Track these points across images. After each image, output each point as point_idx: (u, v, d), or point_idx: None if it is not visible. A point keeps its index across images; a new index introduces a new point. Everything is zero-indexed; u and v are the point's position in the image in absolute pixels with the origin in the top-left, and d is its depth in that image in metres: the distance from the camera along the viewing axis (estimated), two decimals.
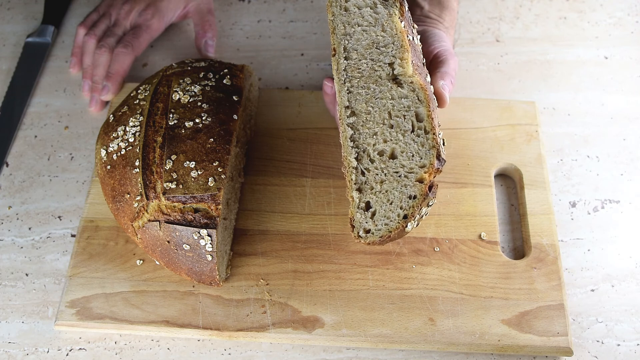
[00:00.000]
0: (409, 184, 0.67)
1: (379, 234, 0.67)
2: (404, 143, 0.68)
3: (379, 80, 0.69)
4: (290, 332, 0.72)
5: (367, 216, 0.67)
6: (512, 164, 0.84)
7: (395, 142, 0.68)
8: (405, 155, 0.68)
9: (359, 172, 0.68)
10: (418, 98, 0.68)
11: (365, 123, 0.69)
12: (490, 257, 0.78)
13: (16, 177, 0.85)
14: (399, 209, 0.67)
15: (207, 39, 0.94)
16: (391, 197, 0.67)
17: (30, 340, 0.74)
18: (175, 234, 0.70)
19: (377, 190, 0.68)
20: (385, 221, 0.67)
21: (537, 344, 0.72)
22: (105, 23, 0.93)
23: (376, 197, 0.68)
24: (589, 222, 0.83)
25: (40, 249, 0.80)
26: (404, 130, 0.68)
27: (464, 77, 0.95)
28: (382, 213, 0.67)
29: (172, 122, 0.74)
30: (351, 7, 0.70)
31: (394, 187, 0.67)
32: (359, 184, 0.68)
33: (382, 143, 0.68)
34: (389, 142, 0.68)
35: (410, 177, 0.67)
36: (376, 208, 0.68)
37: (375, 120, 0.69)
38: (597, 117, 0.92)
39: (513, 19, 1.01)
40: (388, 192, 0.68)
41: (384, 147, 0.68)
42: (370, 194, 0.68)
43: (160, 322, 0.73)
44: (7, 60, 0.96)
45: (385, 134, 0.68)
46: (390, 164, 0.68)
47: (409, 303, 0.74)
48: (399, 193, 0.67)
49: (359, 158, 0.68)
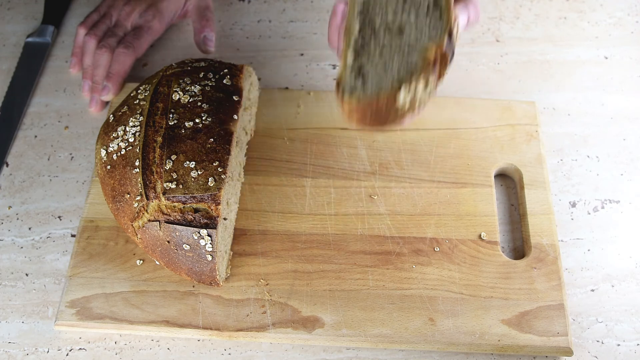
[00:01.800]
0: (413, 54, 0.59)
1: (366, 95, 0.58)
2: (415, 22, 0.61)
3: None
4: (290, 332, 0.72)
5: (358, 79, 0.59)
6: (512, 164, 0.84)
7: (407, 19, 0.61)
8: (414, 33, 0.60)
9: (359, 39, 0.61)
10: None
11: None
12: (490, 257, 0.78)
13: (16, 177, 0.85)
14: (396, 74, 0.59)
15: (206, 33, 0.94)
16: (389, 64, 0.59)
17: (30, 340, 0.74)
18: (175, 234, 0.70)
19: (374, 57, 0.60)
20: (376, 84, 0.58)
21: (537, 344, 0.72)
22: (105, 23, 0.93)
23: (371, 63, 0.59)
24: (589, 222, 0.83)
25: (40, 249, 0.80)
26: (418, 10, 0.61)
27: (464, 77, 0.95)
28: (374, 77, 0.59)
29: (172, 122, 0.74)
30: None
31: (394, 57, 0.60)
32: (356, 49, 0.61)
33: (391, 18, 0.61)
34: (399, 17, 0.61)
35: (414, 47, 0.59)
36: (370, 70, 0.59)
37: None
38: (597, 117, 0.92)
39: (513, 19, 1.01)
40: (386, 60, 0.59)
41: (393, 21, 0.61)
42: (366, 59, 0.60)
43: (160, 322, 0.73)
44: (7, 60, 0.96)
45: (398, 10, 0.61)
46: (396, 39, 0.60)
47: (409, 303, 0.74)
48: (400, 61, 0.59)
49: (362, 28, 0.61)
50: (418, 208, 0.81)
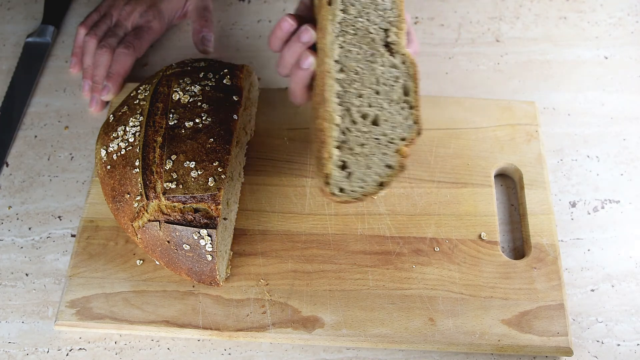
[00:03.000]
0: (388, 153, 0.67)
1: (353, 195, 0.67)
2: (389, 112, 0.68)
3: (372, 43, 0.68)
4: (290, 332, 0.72)
5: (344, 175, 0.67)
6: (512, 164, 0.84)
7: (380, 109, 0.68)
8: (389, 125, 0.67)
9: (340, 131, 0.67)
10: (408, 72, 0.68)
11: (352, 82, 0.68)
12: (490, 257, 0.78)
13: (16, 177, 0.85)
14: (376, 176, 0.67)
15: (204, 33, 0.94)
16: (370, 163, 0.67)
17: (30, 340, 0.74)
18: (175, 234, 0.70)
19: (356, 153, 0.67)
20: (361, 184, 0.67)
21: (537, 344, 0.72)
22: (106, 23, 0.93)
23: (354, 159, 0.67)
24: (589, 222, 0.83)
25: (40, 249, 0.80)
26: (390, 99, 0.68)
27: (464, 77, 0.95)
28: (359, 176, 0.67)
29: (172, 122, 0.74)
30: None
31: (374, 153, 0.67)
32: (339, 142, 0.67)
33: (366, 106, 0.67)
34: (373, 107, 0.68)
35: (390, 147, 0.67)
36: (354, 170, 0.67)
37: (362, 82, 0.68)
38: (597, 117, 0.92)
39: (513, 19, 1.01)
40: (367, 156, 0.67)
41: (368, 111, 0.67)
42: (348, 155, 0.67)
43: (160, 322, 0.73)
44: (7, 60, 0.96)
45: (371, 99, 0.68)
46: (372, 129, 0.67)
47: (409, 303, 0.74)
48: (378, 160, 0.67)
49: (342, 116, 0.67)
50: (418, 208, 0.81)
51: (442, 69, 0.96)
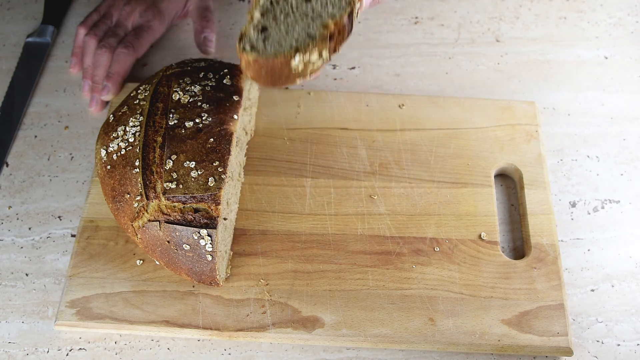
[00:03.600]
0: (313, 25, 0.64)
1: (264, 53, 0.63)
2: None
3: None
4: (290, 332, 0.72)
5: (260, 37, 0.64)
6: (512, 164, 0.84)
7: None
8: (319, 2, 0.65)
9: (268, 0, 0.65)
10: None
11: None
12: (490, 257, 0.78)
13: (16, 177, 0.85)
14: (293, 40, 0.64)
15: (206, 34, 0.94)
16: (290, 30, 0.64)
17: (30, 340, 0.74)
18: (175, 234, 0.70)
19: (278, 20, 0.65)
20: (275, 46, 0.63)
21: (537, 344, 0.72)
22: (106, 23, 0.93)
23: (276, 25, 0.64)
24: (589, 222, 0.83)
25: (40, 249, 0.80)
26: None
27: (464, 77, 0.95)
28: (275, 38, 0.64)
29: (172, 122, 0.74)
30: None
31: (297, 23, 0.64)
32: (263, 8, 0.65)
33: None
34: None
35: (316, 21, 0.64)
36: (272, 33, 0.64)
37: None
38: (597, 117, 0.92)
39: (513, 19, 1.01)
40: (289, 25, 0.64)
41: None
42: (270, 21, 0.65)
43: (160, 322, 0.73)
44: (7, 60, 0.96)
45: None
46: (301, 4, 0.65)
47: (409, 303, 0.74)
48: (300, 29, 0.64)
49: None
50: (418, 208, 0.81)
51: (442, 69, 0.96)
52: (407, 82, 0.94)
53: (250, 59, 0.63)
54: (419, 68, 0.96)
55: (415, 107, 0.89)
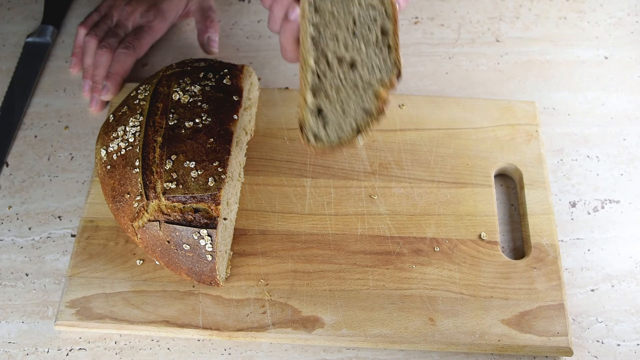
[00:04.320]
0: (366, 98, 0.65)
1: (329, 142, 0.65)
2: (366, 54, 0.65)
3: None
4: (290, 332, 0.72)
5: (319, 122, 0.65)
6: (512, 164, 0.84)
7: (357, 51, 0.65)
8: (366, 68, 0.65)
9: (315, 75, 0.65)
10: (386, 12, 0.65)
11: (328, 25, 0.65)
12: (490, 257, 0.78)
13: (16, 177, 0.85)
14: (353, 122, 0.65)
15: (210, 34, 0.94)
16: (346, 108, 0.65)
17: (30, 340, 0.74)
18: (175, 234, 0.70)
19: (332, 98, 0.65)
20: (337, 131, 0.65)
21: (537, 344, 0.72)
22: (106, 24, 0.93)
23: (330, 105, 0.65)
24: (589, 222, 0.83)
25: (40, 249, 0.80)
26: (368, 41, 0.65)
27: (464, 77, 0.95)
28: (334, 122, 0.65)
29: (172, 122, 0.74)
30: None
31: (350, 98, 0.65)
32: (314, 88, 0.65)
33: (342, 49, 0.65)
34: (350, 50, 0.65)
35: (367, 92, 0.65)
36: (329, 116, 0.65)
37: (339, 24, 0.65)
38: (597, 117, 0.92)
39: (513, 19, 1.01)
40: (343, 102, 0.65)
41: (345, 54, 0.65)
42: (324, 100, 0.65)
43: (160, 322, 0.73)
44: (7, 60, 0.96)
45: (348, 41, 0.65)
46: (348, 73, 0.65)
47: (409, 303, 0.74)
48: (354, 105, 0.65)
49: (317, 61, 0.65)
50: (418, 208, 0.81)
51: (442, 69, 0.96)
52: (407, 82, 0.94)
53: (316, 147, 0.66)
54: (419, 68, 0.96)
55: (415, 107, 0.89)
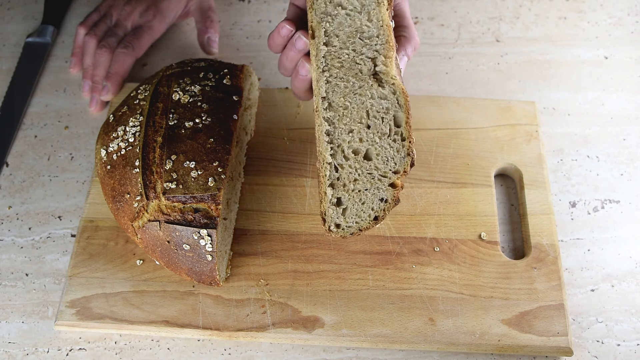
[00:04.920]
0: (382, 187, 0.68)
1: (349, 230, 0.68)
2: (380, 146, 0.67)
3: (359, 74, 0.65)
4: (290, 332, 0.72)
5: (339, 212, 0.68)
6: (512, 164, 0.84)
7: (371, 143, 0.67)
8: (381, 159, 0.67)
9: (332, 167, 0.67)
10: (398, 102, 0.66)
11: (341, 118, 0.66)
12: (490, 257, 0.78)
13: (16, 177, 0.85)
14: (371, 210, 0.68)
15: (210, 34, 0.94)
16: (363, 198, 0.68)
17: (30, 340, 0.74)
18: (175, 234, 0.70)
19: (349, 188, 0.67)
20: (356, 219, 0.68)
21: (537, 344, 0.72)
22: (106, 23, 0.93)
23: (348, 195, 0.68)
24: (589, 222, 0.83)
25: (40, 249, 0.80)
26: (381, 133, 0.67)
27: (464, 77, 0.95)
28: (353, 211, 0.68)
29: (172, 122, 0.74)
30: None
31: (367, 188, 0.68)
32: (332, 179, 0.67)
33: (357, 142, 0.67)
34: (364, 142, 0.67)
35: (383, 181, 0.67)
36: (348, 205, 0.68)
37: (352, 117, 0.66)
38: (597, 117, 0.92)
39: (513, 19, 1.01)
40: (361, 192, 0.68)
41: (359, 146, 0.67)
42: (342, 191, 0.68)
43: (160, 322, 0.73)
44: (7, 60, 0.96)
45: (362, 134, 0.67)
46: (364, 164, 0.67)
47: (409, 303, 0.74)
48: (372, 195, 0.68)
49: (333, 154, 0.67)
50: (418, 208, 0.81)
51: (442, 69, 0.96)
52: (407, 82, 0.94)
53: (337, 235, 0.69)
54: (419, 68, 0.96)
55: (415, 107, 0.89)
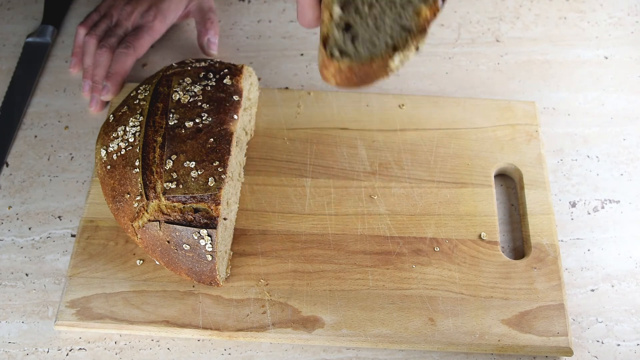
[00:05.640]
0: (405, 14, 0.55)
1: (358, 57, 0.54)
2: None
3: None
4: (290, 332, 0.72)
5: (347, 37, 0.55)
6: (512, 164, 0.84)
7: None
8: None
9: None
10: None
11: None
12: (490, 257, 0.78)
13: (16, 177, 0.85)
14: (388, 38, 0.55)
15: (210, 36, 0.94)
16: (380, 24, 0.55)
17: (30, 340, 0.74)
18: (175, 234, 0.70)
19: (363, 13, 0.55)
20: (369, 47, 0.54)
21: (537, 344, 0.72)
22: (106, 23, 0.93)
23: (361, 20, 0.55)
24: (589, 222, 0.83)
25: (40, 249, 0.80)
26: None
27: (464, 77, 0.95)
28: (366, 37, 0.55)
29: (172, 122, 0.74)
30: None
31: (386, 14, 0.55)
32: (343, 1, 0.55)
33: None
34: None
35: (407, 8, 0.55)
36: (359, 31, 0.55)
37: None
38: (597, 117, 0.92)
39: (513, 19, 1.01)
40: (377, 17, 0.55)
41: None
42: (353, 15, 0.55)
43: (160, 322, 0.73)
44: (7, 60, 0.96)
45: None
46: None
47: (409, 303, 0.74)
48: (391, 21, 0.55)
49: None
50: (418, 208, 0.81)
51: (442, 69, 0.96)
52: (407, 82, 0.94)
53: (342, 67, 0.54)
54: (419, 68, 0.96)
55: (415, 107, 0.89)
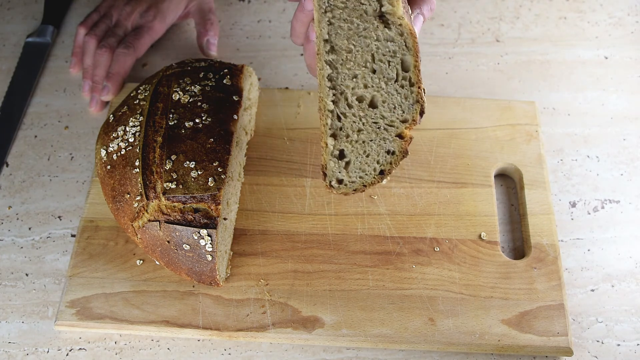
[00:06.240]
0: (388, 138, 0.62)
1: (352, 186, 0.63)
2: (386, 92, 0.62)
3: (364, 15, 0.60)
4: (290, 332, 0.72)
5: (341, 166, 0.63)
6: (512, 164, 0.84)
7: (377, 89, 0.62)
8: (387, 106, 0.62)
9: (334, 116, 0.62)
10: (406, 44, 0.60)
11: (345, 62, 0.61)
12: (490, 257, 0.78)
13: (16, 177, 0.85)
14: (376, 163, 0.63)
15: (209, 37, 0.94)
16: (368, 149, 0.63)
17: (30, 340, 0.74)
18: (175, 234, 0.70)
19: (353, 139, 0.63)
20: (360, 174, 0.63)
21: (537, 344, 0.72)
22: (106, 23, 0.93)
23: (351, 147, 0.63)
24: (589, 222, 0.83)
25: (40, 249, 0.80)
26: (388, 78, 0.61)
27: (464, 77, 0.95)
28: (357, 165, 0.63)
29: (172, 122, 0.74)
30: None
31: (372, 139, 0.62)
32: (334, 129, 0.62)
33: (362, 88, 0.62)
34: (369, 88, 0.62)
35: (390, 131, 0.62)
36: (351, 158, 0.63)
37: (356, 61, 0.61)
38: (597, 117, 0.92)
39: (513, 19, 1.01)
40: (365, 143, 0.62)
41: (364, 93, 0.62)
42: (345, 142, 0.63)
43: (160, 322, 0.73)
44: (7, 60, 0.96)
45: (367, 79, 0.62)
46: (369, 112, 0.62)
47: (409, 303, 0.74)
48: (377, 146, 0.62)
49: (335, 101, 0.62)
50: (418, 208, 0.81)
51: (442, 69, 0.96)
52: None
53: (339, 192, 0.64)
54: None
55: None
